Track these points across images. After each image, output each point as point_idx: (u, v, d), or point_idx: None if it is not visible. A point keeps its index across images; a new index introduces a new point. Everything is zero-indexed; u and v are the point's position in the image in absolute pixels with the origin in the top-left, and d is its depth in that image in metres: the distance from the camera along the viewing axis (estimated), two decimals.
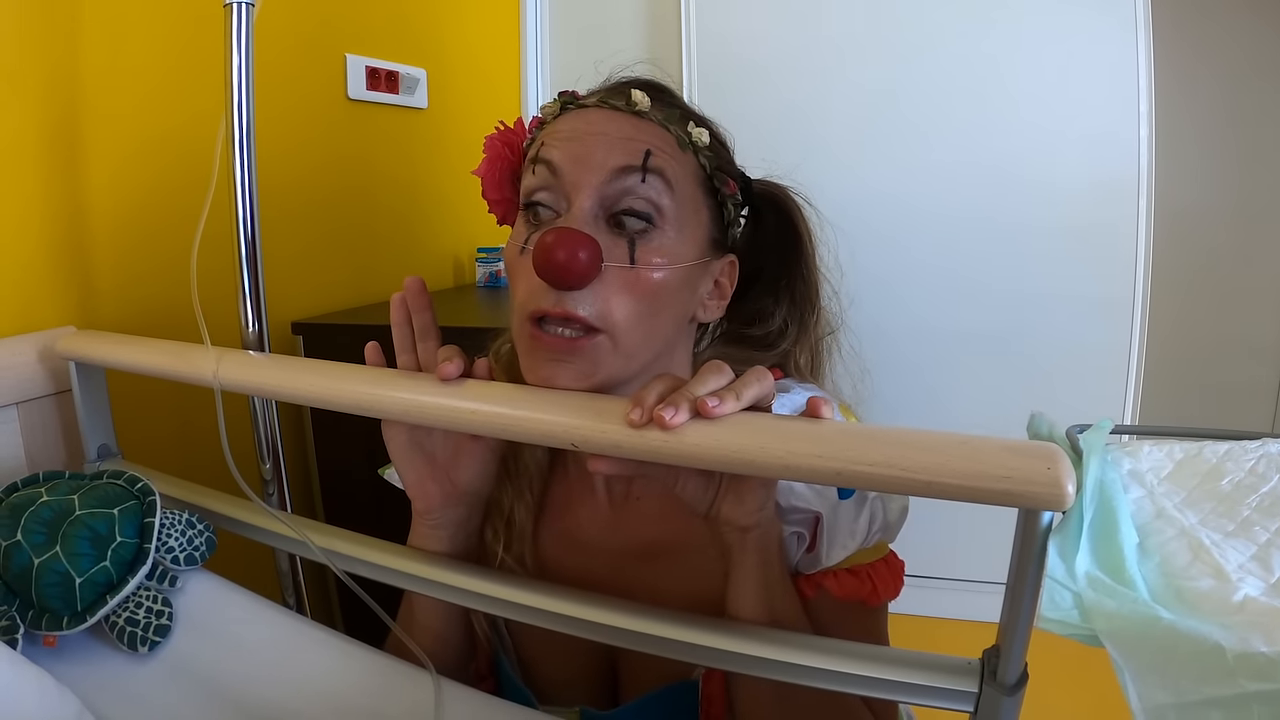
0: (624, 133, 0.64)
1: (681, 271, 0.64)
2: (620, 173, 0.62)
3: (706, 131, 0.68)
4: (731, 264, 0.72)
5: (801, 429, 0.50)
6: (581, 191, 0.62)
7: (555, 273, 0.58)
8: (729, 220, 0.71)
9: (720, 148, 0.71)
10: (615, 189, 0.62)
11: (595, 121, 0.65)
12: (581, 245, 0.58)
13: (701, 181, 0.67)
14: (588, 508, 0.76)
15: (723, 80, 2.16)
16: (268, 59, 1.02)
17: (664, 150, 0.64)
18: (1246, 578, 0.43)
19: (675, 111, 0.68)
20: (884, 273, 2.06)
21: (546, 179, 0.64)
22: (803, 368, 0.78)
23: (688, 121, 0.67)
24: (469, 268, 2.02)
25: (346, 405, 0.66)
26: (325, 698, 0.67)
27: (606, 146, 0.63)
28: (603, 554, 0.74)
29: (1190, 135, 2.22)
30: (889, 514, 0.68)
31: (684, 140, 0.66)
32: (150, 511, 0.76)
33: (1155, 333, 2.05)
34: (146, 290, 1.18)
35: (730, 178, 0.70)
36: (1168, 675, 0.39)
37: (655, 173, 0.63)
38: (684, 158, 0.66)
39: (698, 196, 0.67)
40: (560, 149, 0.64)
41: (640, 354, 0.64)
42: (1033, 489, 0.43)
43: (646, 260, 0.62)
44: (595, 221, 0.62)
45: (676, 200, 0.64)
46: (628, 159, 0.62)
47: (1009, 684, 0.50)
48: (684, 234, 0.65)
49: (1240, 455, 0.53)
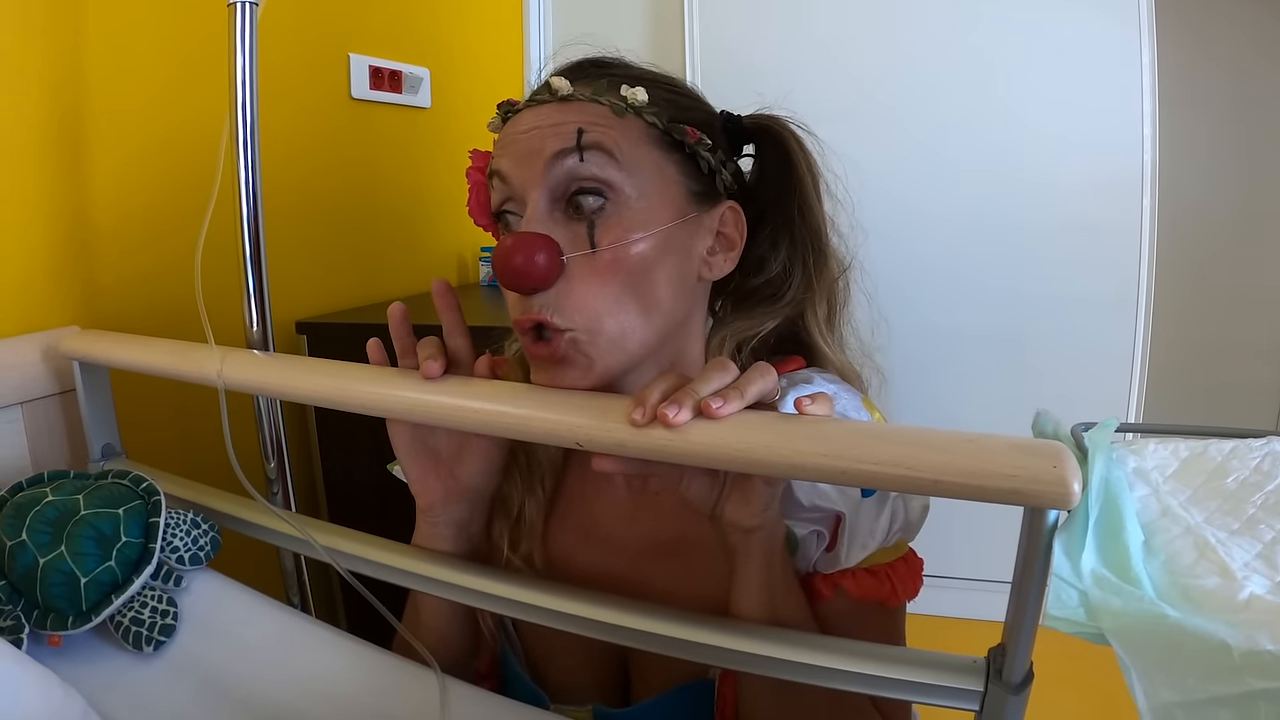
0: (552, 120, 0.63)
1: (657, 239, 0.63)
2: (557, 158, 0.62)
3: (642, 89, 0.65)
4: (733, 210, 0.70)
5: (808, 428, 0.50)
6: (530, 189, 0.62)
7: (515, 279, 0.59)
8: (711, 168, 0.68)
9: (672, 98, 0.69)
10: (558, 176, 0.62)
11: (528, 121, 0.65)
12: (537, 247, 0.59)
13: (655, 139, 0.65)
14: (606, 501, 0.75)
15: (725, 82, 2.14)
16: (270, 58, 1.02)
17: (598, 123, 0.63)
18: (1252, 576, 0.43)
19: (603, 82, 0.66)
20: (889, 273, 2.04)
21: (503, 189, 0.65)
22: (821, 319, 0.75)
23: (619, 86, 0.65)
24: (473, 266, 2.02)
25: (351, 405, 0.66)
26: (330, 697, 0.67)
27: (539, 139, 0.63)
28: (619, 548, 0.74)
29: (1194, 135, 2.22)
30: (910, 513, 0.67)
31: (619, 107, 0.64)
32: (155, 511, 0.76)
33: (1160, 331, 2.05)
34: (150, 290, 1.18)
35: (691, 125, 0.67)
36: (1174, 673, 0.39)
37: (592, 148, 0.62)
38: (624, 124, 0.64)
39: (655, 156, 0.65)
40: (505, 157, 0.65)
41: (635, 334, 0.63)
42: (1039, 488, 0.43)
43: (609, 240, 0.61)
44: (551, 216, 0.62)
45: (626, 168, 0.62)
46: (561, 143, 0.62)
47: (1014, 683, 0.49)
48: (649, 200, 0.63)
49: (1245, 453, 0.53)
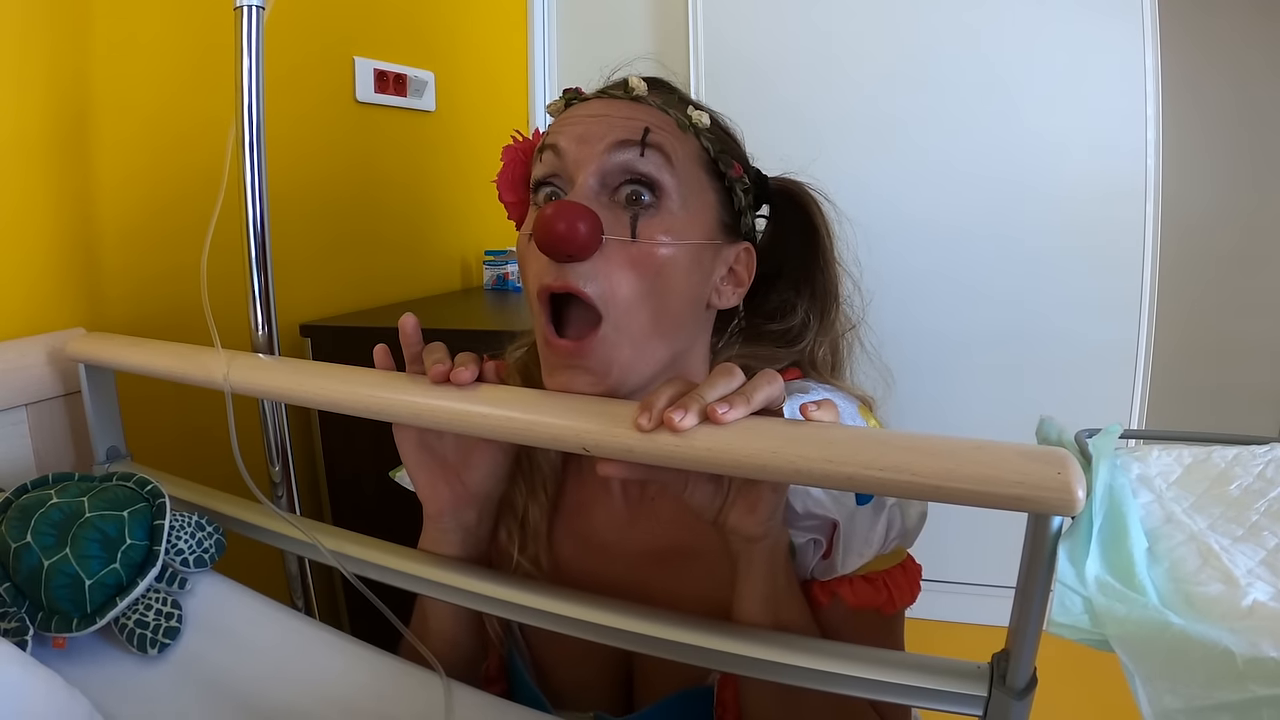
0: (623, 113, 0.66)
1: (687, 250, 0.65)
2: (619, 146, 0.64)
3: (706, 115, 0.69)
4: (747, 252, 0.72)
5: (813, 433, 0.50)
6: (583, 168, 0.64)
7: (555, 242, 0.59)
8: (740, 207, 0.71)
9: (724, 134, 0.72)
10: (615, 163, 0.64)
11: (596, 108, 0.67)
12: (580, 216, 0.59)
13: (705, 164, 0.68)
14: (603, 509, 0.76)
15: (729, 83, 2.16)
16: (276, 62, 1.02)
17: (664, 129, 0.66)
18: (1255, 582, 0.43)
19: (674, 96, 0.70)
20: (892, 277, 2.05)
21: (552, 162, 0.66)
22: (821, 364, 0.77)
23: (687, 106, 0.69)
24: (476, 270, 2.02)
25: (359, 409, 0.66)
26: (334, 701, 0.67)
27: (606, 125, 0.65)
28: (619, 556, 0.74)
29: (1198, 139, 2.22)
30: (907, 520, 0.68)
31: (683, 122, 0.67)
32: (160, 514, 0.76)
33: (1163, 337, 2.04)
34: (156, 292, 1.19)
35: (736, 161, 0.71)
36: (1178, 680, 0.39)
37: (654, 148, 0.64)
38: (684, 138, 0.67)
39: (701, 178, 0.68)
40: (564, 134, 0.66)
41: (650, 339, 0.64)
42: (1043, 494, 0.43)
43: (648, 235, 0.63)
44: (597, 198, 0.63)
45: (678, 177, 0.65)
46: (627, 134, 0.64)
47: (1018, 688, 0.50)
48: (689, 213, 0.65)
49: (1249, 460, 0.53)
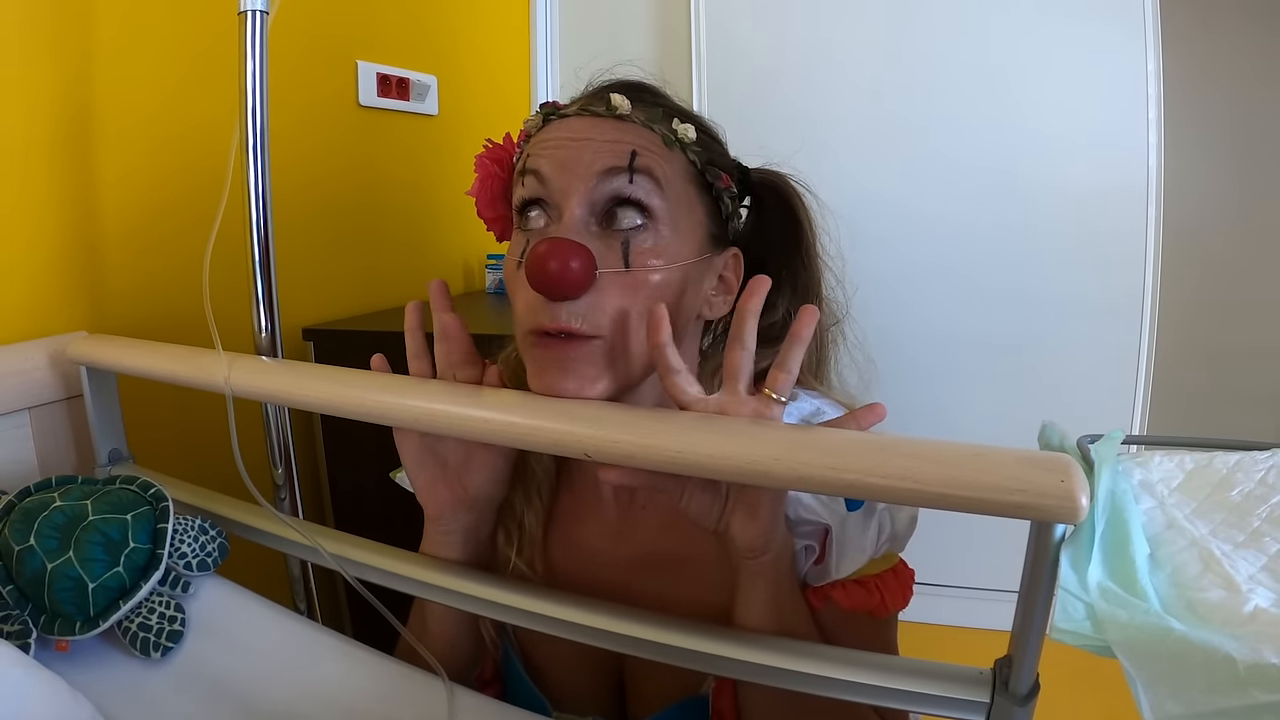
0: (608, 136, 0.64)
1: (680, 271, 0.64)
2: (607, 175, 0.62)
3: (692, 127, 0.67)
4: (735, 257, 0.71)
5: (815, 440, 0.50)
6: (571, 198, 0.62)
7: (549, 283, 0.58)
8: (727, 214, 0.70)
9: (710, 141, 0.70)
10: (604, 192, 0.62)
11: (579, 129, 0.65)
12: (574, 254, 0.58)
13: (693, 178, 0.67)
14: (595, 517, 0.76)
15: (732, 86, 2.17)
16: (279, 66, 1.03)
17: (650, 150, 0.64)
18: (1257, 589, 0.43)
19: (658, 110, 0.67)
20: (892, 278, 2.06)
21: (536, 189, 0.64)
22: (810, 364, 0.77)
23: (672, 119, 0.67)
24: (479, 274, 2.02)
25: (361, 413, 0.66)
26: (336, 704, 0.67)
27: (592, 151, 0.63)
28: (611, 564, 0.74)
29: (1199, 142, 2.22)
30: (897, 524, 0.68)
31: (669, 138, 0.65)
32: (163, 517, 0.76)
33: (1164, 341, 2.04)
34: (158, 295, 1.19)
35: (723, 170, 0.69)
36: (1179, 686, 0.39)
37: (643, 172, 0.63)
38: (671, 156, 0.65)
39: (690, 193, 0.66)
40: (547, 158, 0.64)
41: (643, 360, 0.63)
42: (1047, 502, 0.43)
43: (642, 262, 0.62)
44: (587, 228, 0.62)
45: (668, 199, 0.64)
46: (614, 160, 0.62)
47: (1021, 694, 0.50)
48: (679, 233, 0.64)
49: (1250, 466, 0.53)
